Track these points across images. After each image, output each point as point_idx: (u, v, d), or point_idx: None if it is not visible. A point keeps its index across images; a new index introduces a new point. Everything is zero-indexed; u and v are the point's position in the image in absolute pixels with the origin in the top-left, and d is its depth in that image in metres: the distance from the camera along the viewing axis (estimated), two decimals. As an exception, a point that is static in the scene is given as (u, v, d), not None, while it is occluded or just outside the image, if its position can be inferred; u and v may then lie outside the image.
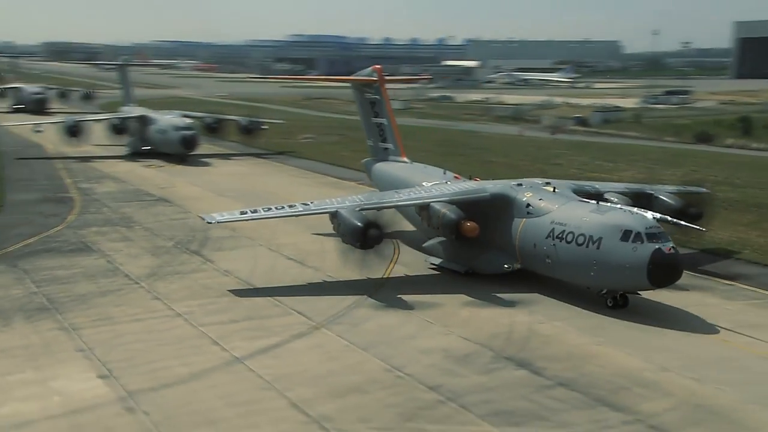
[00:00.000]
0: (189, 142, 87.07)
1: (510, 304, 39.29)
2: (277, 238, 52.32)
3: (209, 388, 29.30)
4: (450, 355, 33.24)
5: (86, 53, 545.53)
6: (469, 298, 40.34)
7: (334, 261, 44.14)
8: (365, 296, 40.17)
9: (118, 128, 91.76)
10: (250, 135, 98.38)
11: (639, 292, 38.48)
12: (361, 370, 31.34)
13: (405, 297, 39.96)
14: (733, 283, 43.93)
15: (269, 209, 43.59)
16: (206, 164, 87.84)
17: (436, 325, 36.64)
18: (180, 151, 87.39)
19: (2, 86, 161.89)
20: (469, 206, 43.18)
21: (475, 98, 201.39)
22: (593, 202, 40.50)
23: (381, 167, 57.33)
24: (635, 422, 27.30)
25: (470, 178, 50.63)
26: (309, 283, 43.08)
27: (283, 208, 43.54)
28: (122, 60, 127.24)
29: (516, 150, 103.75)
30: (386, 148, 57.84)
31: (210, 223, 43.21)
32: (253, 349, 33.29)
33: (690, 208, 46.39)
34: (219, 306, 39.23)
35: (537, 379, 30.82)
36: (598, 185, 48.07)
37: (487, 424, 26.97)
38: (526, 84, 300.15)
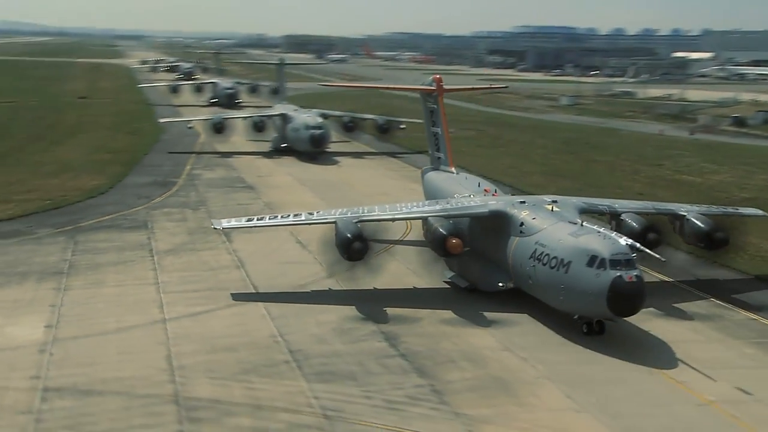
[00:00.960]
0: (317, 141, 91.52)
1: (478, 323, 41.02)
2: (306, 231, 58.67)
3: (117, 340, 37.95)
4: (338, 327, 39.30)
5: (321, 45, 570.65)
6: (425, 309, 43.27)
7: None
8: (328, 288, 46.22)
9: (258, 126, 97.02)
10: (386, 134, 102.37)
11: (606, 319, 38.23)
12: (251, 337, 38.78)
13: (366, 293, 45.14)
14: (756, 316, 43.48)
15: (275, 217, 47.57)
16: (329, 162, 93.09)
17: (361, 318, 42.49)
18: (309, 150, 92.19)
19: (200, 81, 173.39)
20: (470, 222, 45.44)
21: (657, 94, 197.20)
22: (578, 223, 40.33)
23: (430, 176, 59.48)
24: (426, 386, 32.88)
25: (512, 193, 54.13)
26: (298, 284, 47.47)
27: (288, 216, 47.16)
28: (278, 59, 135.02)
29: (635, 150, 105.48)
30: (439, 158, 59.94)
31: (216, 228, 47.30)
32: (184, 313, 41.63)
33: (717, 233, 45.76)
34: (197, 278, 47.68)
35: (390, 350, 36.87)
36: (618, 204, 48.53)
37: (303, 380, 33.29)
38: (741, 79, 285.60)
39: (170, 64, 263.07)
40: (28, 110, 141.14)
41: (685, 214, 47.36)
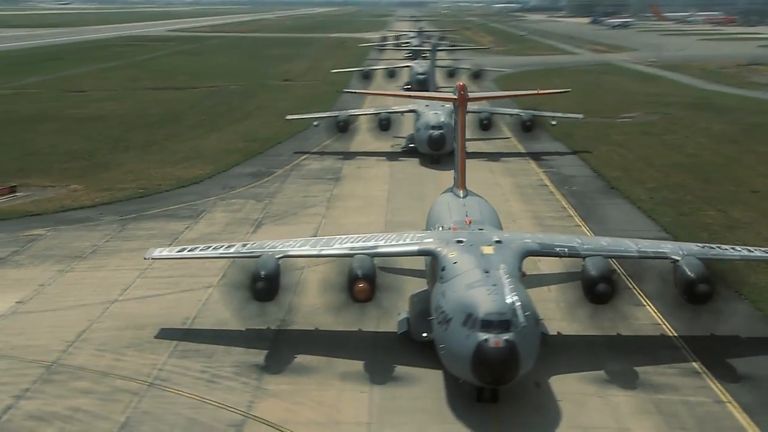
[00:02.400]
0: (435, 142, 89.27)
1: (362, 380, 41.14)
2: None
3: (59, 316, 49.78)
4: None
5: (613, 7, 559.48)
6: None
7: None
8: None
9: (383, 124, 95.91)
10: (529, 132, 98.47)
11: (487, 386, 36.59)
12: (169, 317, 48.70)
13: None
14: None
15: (209, 248, 47.51)
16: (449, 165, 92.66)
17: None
18: (428, 151, 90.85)
19: (394, 66, 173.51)
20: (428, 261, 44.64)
21: None
22: (493, 270, 38.21)
23: (437, 201, 55.25)
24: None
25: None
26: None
27: (221, 247, 47.02)
28: (432, 44, 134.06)
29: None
30: (455, 177, 55.40)
31: (146, 258, 48.59)
32: (137, 296, 52.79)
33: (700, 284, 40.16)
34: (185, 266, 56.78)
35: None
36: (590, 244, 44.40)
37: (165, 356, 43.50)
38: None
39: (398, 42, 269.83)
40: (221, 95, 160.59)
41: (679, 258, 41.83)
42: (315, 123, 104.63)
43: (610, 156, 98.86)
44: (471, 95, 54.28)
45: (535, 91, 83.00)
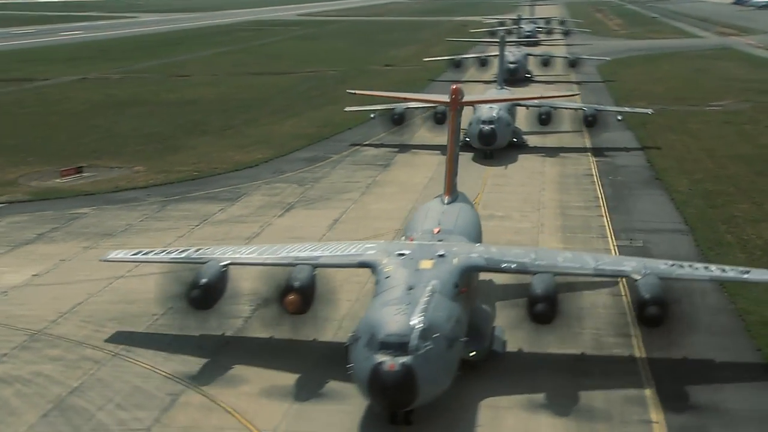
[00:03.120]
0: (485, 137, 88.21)
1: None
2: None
3: (65, 289, 54.00)
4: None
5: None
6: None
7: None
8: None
9: (438, 117, 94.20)
10: (592, 127, 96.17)
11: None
12: (138, 299, 52.00)
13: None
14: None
15: (162, 252, 48.17)
16: (503, 159, 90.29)
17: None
18: (479, 146, 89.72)
19: (486, 54, 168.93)
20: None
21: None
22: (413, 288, 37.13)
23: (422, 206, 54.04)
24: None
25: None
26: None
27: (174, 252, 47.53)
28: (499, 37, 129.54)
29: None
30: (444, 182, 52.75)
31: (101, 260, 50.17)
32: (143, 273, 56.24)
33: (650, 307, 37.84)
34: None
35: None
36: (542, 261, 41.48)
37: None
38: None
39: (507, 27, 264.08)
40: (316, 80, 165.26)
41: (639, 277, 39.29)
42: (372, 116, 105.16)
43: (673, 146, 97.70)
44: (468, 99, 52.91)
45: (539, 96, 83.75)
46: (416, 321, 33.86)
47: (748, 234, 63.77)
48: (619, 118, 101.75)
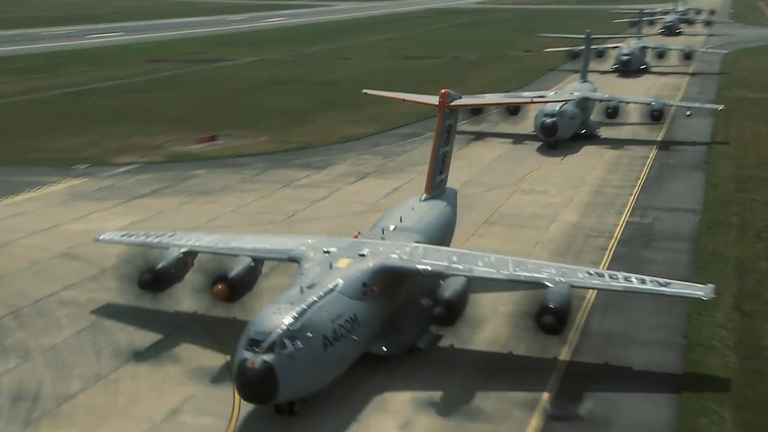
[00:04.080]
0: (546, 129, 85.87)
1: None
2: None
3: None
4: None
5: None
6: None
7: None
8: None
9: (511, 109, 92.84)
10: (658, 121, 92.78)
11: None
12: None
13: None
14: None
15: (151, 236, 45.83)
16: (562, 150, 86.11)
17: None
18: (542, 137, 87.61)
19: (604, 46, 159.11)
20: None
21: None
22: (312, 286, 35.15)
23: (399, 203, 51.01)
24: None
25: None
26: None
27: (173, 235, 45.07)
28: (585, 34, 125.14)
29: None
30: (441, 180, 51.74)
31: (96, 240, 48.91)
32: (196, 225, 61.92)
33: (545, 316, 34.91)
34: (270, 209, 66.06)
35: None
36: (467, 262, 38.56)
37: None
38: None
39: (649, 18, 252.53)
40: (454, 64, 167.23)
41: (550, 285, 35.90)
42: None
43: (743, 133, 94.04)
44: (457, 102, 49.81)
45: (529, 100, 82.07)
46: (289, 320, 31.83)
47: (754, 216, 62.11)
48: (688, 113, 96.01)
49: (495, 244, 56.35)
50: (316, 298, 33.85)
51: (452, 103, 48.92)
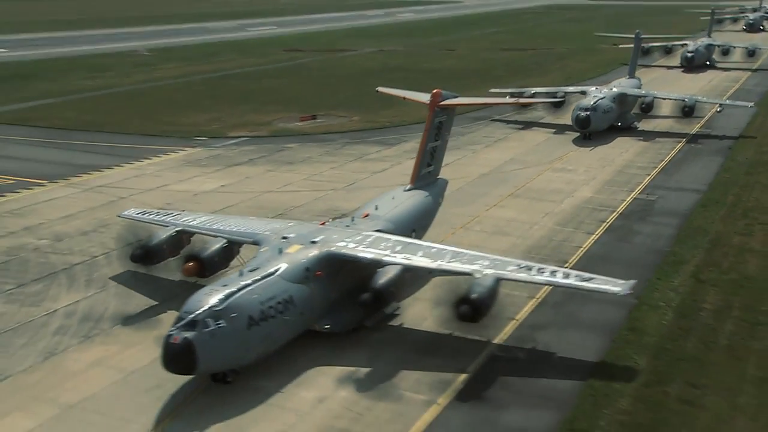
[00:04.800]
0: (580, 122, 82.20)
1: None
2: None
3: (230, 195, 63.81)
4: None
5: None
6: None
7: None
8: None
9: (555, 103, 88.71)
10: (689, 117, 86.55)
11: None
12: (277, 208, 60.53)
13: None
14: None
15: (170, 214, 44.98)
16: (595, 141, 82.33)
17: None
18: (578, 130, 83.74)
19: (672, 43, 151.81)
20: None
21: None
22: (254, 270, 33.98)
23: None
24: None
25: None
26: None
27: (197, 217, 43.78)
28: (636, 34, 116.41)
29: None
30: (429, 172, 49.37)
31: (119, 216, 47.66)
32: (269, 189, 65.55)
33: (462, 306, 32.77)
34: (344, 176, 68.76)
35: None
36: (408, 252, 36.30)
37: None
38: None
39: (735, 15, 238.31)
40: (542, 56, 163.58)
41: (477, 276, 33.57)
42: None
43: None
44: (447, 101, 46.89)
45: (515, 100, 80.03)
46: (215, 301, 30.67)
47: (749, 197, 60.19)
48: (719, 110, 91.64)
49: (510, 214, 57.19)
50: (250, 281, 32.50)
51: (442, 102, 46.29)
